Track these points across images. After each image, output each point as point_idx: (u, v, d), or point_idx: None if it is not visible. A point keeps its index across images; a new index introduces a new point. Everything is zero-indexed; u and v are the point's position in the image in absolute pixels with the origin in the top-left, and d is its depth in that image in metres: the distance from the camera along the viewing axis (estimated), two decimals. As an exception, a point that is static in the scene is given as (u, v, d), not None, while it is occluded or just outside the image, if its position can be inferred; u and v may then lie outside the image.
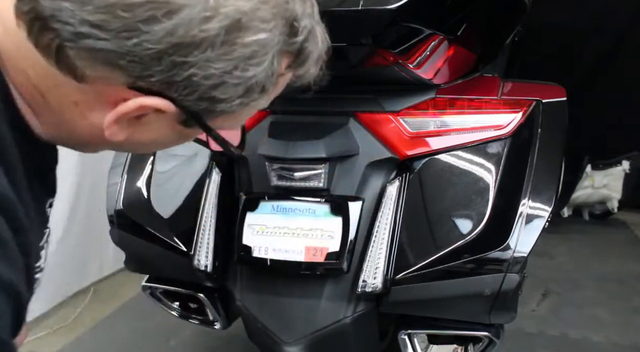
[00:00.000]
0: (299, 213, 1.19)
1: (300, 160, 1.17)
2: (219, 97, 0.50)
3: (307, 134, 1.18)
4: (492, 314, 1.15)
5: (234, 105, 0.52)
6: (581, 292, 2.52)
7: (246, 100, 0.52)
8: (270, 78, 0.52)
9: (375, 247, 1.16)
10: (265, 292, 1.24)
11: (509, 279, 1.10)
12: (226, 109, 0.52)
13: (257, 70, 0.50)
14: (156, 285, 1.43)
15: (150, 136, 0.55)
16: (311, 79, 0.60)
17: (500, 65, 1.81)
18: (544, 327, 2.16)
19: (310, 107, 1.26)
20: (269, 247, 1.18)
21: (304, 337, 1.20)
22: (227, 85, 0.49)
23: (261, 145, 1.20)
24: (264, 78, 0.51)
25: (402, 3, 0.93)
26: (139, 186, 1.37)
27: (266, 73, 0.51)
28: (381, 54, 1.07)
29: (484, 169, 1.18)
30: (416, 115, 1.21)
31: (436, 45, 1.10)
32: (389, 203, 1.18)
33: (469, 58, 1.26)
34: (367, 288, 1.15)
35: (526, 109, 1.20)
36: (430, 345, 1.26)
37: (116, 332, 2.13)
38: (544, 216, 1.11)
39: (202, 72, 0.47)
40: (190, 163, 1.36)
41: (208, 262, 1.26)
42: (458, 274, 1.13)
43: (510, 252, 1.10)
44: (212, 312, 1.41)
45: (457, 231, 1.14)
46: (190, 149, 1.37)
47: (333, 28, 1.01)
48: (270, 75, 0.51)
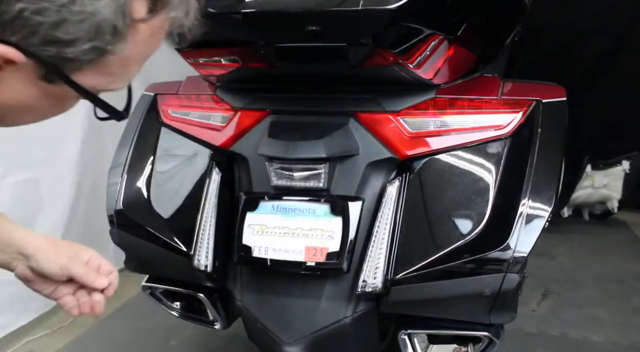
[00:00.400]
0: (299, 213, 1.19)
1: (300, 160, 1.17)
2: (64, 39, 0.47)
3: (307, 134, 1.18)
4: (492, 314, 1.15)
5: (87, 51, 0.49)
6: (581, 292, 2.52)
7: (100, 45, 0.49)
8: (120, 17, 0.49)
9: (375, 247, 1.16)
10: (265, 292, 1.24)
11: (509, 279, 1.10)
12: (79, 55, 0.49)
13: (98, 5, 0.47)
14: (156, 285, 1.43)
15: (13, 96, 0.52)
16: (186, 26, 0.57)
17: (500, 65, 1.82)
18: (544, 327, 2.16)
19: (310, 107, 1.26)
20: (269, 247, 1.18)
21: (304, 337, 1.20)
22: (68, 22, 0.47)
23: (261, 145, 1.20)
24: (112, 16, 0.48)
25: (402, 3, 0.93)
26: (139, 186, 1.37)
27: (112, 10, 0.48)
28: (381, 54, 1.07)
29: (484, 169, 1.18)
30: (416, 115, 1.21)
31: (436, 45, 1.10)
32: (389, 203, 1.18)
33: (469, 58, 1.26)
34: (367, 288, 1.15)
35: (526, 109, 1.20)
36: (430, 345, 1.26)
37: (116, 332, 2.12)
38: (544, 216, 1.11)
39: (32, 5, 0.45)
40: (190, 163, 1.36)
41: (208, 262, 1.26)
42: (458, 274, 1.13)
43: (510, 252, 1.10)
44: (212, 312, 1.41)
45: (457, 231, 1.14)
46: (190, 149, 1.37)
47: (333, 28, 1.02)
48: (119, 13, 0.49)
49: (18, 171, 2.07)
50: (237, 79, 1.33)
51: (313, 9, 0.97)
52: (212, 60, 1.22)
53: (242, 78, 1.33)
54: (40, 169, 2.16)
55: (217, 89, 1.37)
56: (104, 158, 2.29)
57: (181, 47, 1.18)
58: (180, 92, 1.44)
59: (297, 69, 1.24)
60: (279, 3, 0.99)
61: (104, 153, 2.37)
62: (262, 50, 1.12)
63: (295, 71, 1.25)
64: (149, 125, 1.43)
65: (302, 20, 1.00)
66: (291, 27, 1.04)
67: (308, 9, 0.97)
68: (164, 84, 1.51)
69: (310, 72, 1.25)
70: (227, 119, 1.33)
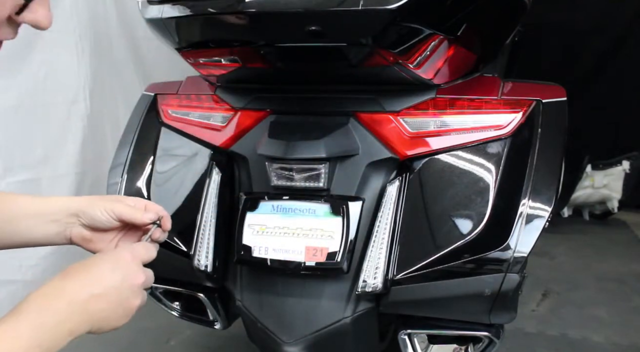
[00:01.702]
0: (299, 213, 1.19)
1: (300, 160, 1.17)
2: None
3: (307, 134, 1.18)
4: (492, 314, 1.15)
5: None
6: (581, 292, 2.52)
7: None
8: None
9: (375, 247, 1.16)
10: (265, 292, 1.24)
11: (509, 279, 1.10)
12: None
13: None
14: (156, 285, 1.43)
15: None
16: None
17: (500, 65, 1.82)
18: (544, 327, 2.16)
19: (310, 107, 1.26)
20: (269, 247, 1.18)
21: (304, 337, 1.20)
22: None
23: (261, 145, 1.20)
24: None
25: (402, 3, 0.93)
26: (139, 186, 1.37)
27: None
28: (381, 54, 1.07)
29: (484, 169, 1.18)
30: (416, 115, 1.21)
31: (436, 45, 1.10)
32: (389, 203, 1.18)
33: (469, 58, 1.26)
34: (367, 288, 1.15)
35: (526, 109, 1.20)
36: (430, 345, 1.26)
37: (116, 332, 2.12)
38: (544, 216, 1.11)
39: None
40: (190, 163, 1.36)
41: (208, 262, 1.26)
42: (458, 274, 1.13)
43: (510, 252, 1.10)
44: (212, 312, 1.41)
45: (457, 231, 1.14)
46: (190, 149, 1.37)
47: (333, 28, 1.02)
48: None
49: (18, 171, 2.07)
50: (237, 79, 1.34)
51: (313, 9, 0.97)
52: (212, 60, 1.22)
53: (242, 78, 1.33)
54: (40, 169, 2.17)
55: (217, 89, 1.37)
56: (103, 158, 2.30)
57: (181, 47, 1.18)
58: (180, 92, 1.45)
59: (297, 69, 1.24)
60: (279, 3, 0.99)
61: (103, 153, 2.38)
62: (262, 50, 1.12)
63: (295, 71, 1.25)
64: (149, 125, 1.43)
65: (302, 20, 1.00)
66: (291, 27, 1.04)
67: (308, 9, 0.97)
68: (164, 84, 1.51)
69: (310, 72, 1.25)
70: (227, 119, 1.33)
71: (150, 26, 1.15)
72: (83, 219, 0.84)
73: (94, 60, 2.41)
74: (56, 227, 0.84)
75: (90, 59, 2.39)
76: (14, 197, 0.86)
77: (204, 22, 1.09)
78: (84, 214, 0.83)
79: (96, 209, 0.83)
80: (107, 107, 2.49)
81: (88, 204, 0.84)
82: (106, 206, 0.83)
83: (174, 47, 1.18)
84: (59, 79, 2.26)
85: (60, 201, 0.86)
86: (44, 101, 2.19)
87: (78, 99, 2.33)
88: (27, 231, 0.84)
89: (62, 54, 2.28)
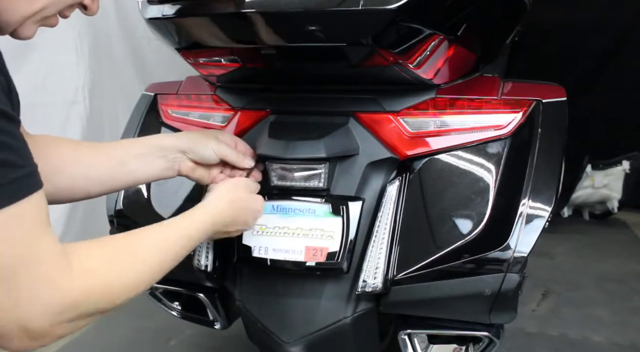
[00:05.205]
0: (299, 213, 1.19)
1: (300, 160, 1.16)
2: None
3: (307, 134, 1.18)
4: (492, 314, 1.15)
5: None
6: (581, 292, 2.52)
7: None
8: None
9: (375, 247, 1.16)
10: (265, 292, 1.24)
11: (509, 279, 1.10)
12: None
13: None
14: (156, 285, 1.43)
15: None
16: None
17: (500, 65, 1.82)
18: (544, 327, 2.16)
19: (310, 107, 1.26)
20: (269, 247, 1.18)
21: (304, 337, 1.20)
22: None
23: (261, 145, 1.20)
24: None
25: (402, 3, 0.93)
26: (139, 186, 1.37)
27: None
28: (381, 54, 1.07)
29: (484, 169, 1.18)
30: (416, 115, 1.21)
31: (436, 45, 1.10)
32: (389, 203, 1.18)
33: (469, 58, 1.26)
34: (367, 288, 1.15)
35: (526, 109, 1.20)
36: (430, 345, 1.26)
37: (116, 332, 2.13)
38: (544, 216, 1.11)
39: None
40: (190, 163, 1.36)
41: (208, 262, 1.26)
42: (458, 274, 1.13)
43: (510, 252, 1.10)
44: (212, 312, 1.41)
45: (457, 230, 1.14)
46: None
47: (333, 28, 1.02)
48: None
49: (18, 171, 2.07)
50: (237, 79, 1.34)
51: (313, 9, 0.97)
52: (212, 60, 1.22)
53: (242, 78, 1.33)
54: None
55: (217, 89, 1.37)
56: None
57: (181, 47, 1.18)
58: (180, 92, 1.45)
59: (297, 69, 1.24)
60: (279, 3, 0.98)
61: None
62: (262, 50, 1.12)
63: (295, 71, 1.25)
64: (149, 125, 1.43)
65: (302, 20, 1.00)
66: (291, 27, 1.04)
67: (308, 9, 0.97)
68: (164, 84, 1.51)
69: (310, 72, 1.24)
70: (227, 119, 1.33)
71: (150, 26, 1.15)
72: (191, 155, 1.03)
73: (94, 60, 2.41)
74: (164, 163, 1.02)
75: (89, 59, 2.39)
76: (114, 143, 1.01)
77: (204, 22, 1.08)
78: (193, 151, 1.02)
79: (208, 148, 1.03)
80: (106, 107, 2.49)
81: (199, 145, 1.03)
82: (214, 147, 1.03)
83: (174, 47, 1.18)
84: (59, 79, 2.26)
85: (166, 139, 1.04)
86: (43, 101, 2.19)
87: (77, 99, 2.33)
88: (139, 168, 1.00)
89: (61, 54, 2.28)
